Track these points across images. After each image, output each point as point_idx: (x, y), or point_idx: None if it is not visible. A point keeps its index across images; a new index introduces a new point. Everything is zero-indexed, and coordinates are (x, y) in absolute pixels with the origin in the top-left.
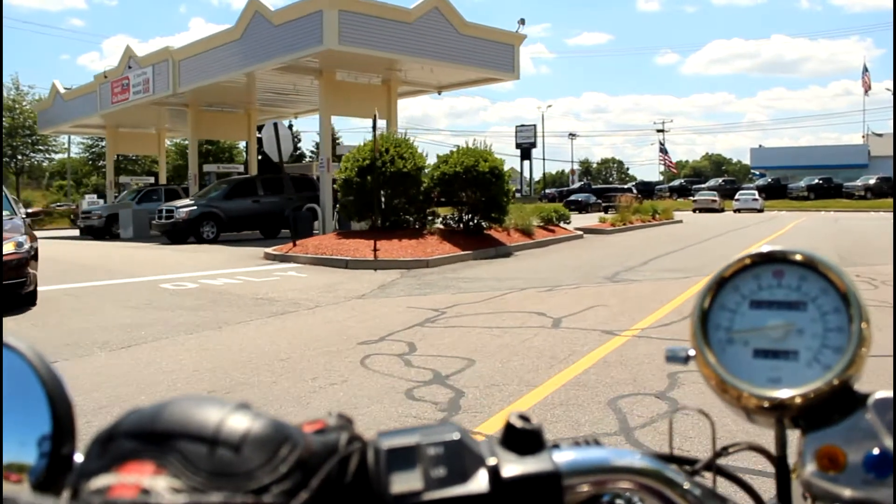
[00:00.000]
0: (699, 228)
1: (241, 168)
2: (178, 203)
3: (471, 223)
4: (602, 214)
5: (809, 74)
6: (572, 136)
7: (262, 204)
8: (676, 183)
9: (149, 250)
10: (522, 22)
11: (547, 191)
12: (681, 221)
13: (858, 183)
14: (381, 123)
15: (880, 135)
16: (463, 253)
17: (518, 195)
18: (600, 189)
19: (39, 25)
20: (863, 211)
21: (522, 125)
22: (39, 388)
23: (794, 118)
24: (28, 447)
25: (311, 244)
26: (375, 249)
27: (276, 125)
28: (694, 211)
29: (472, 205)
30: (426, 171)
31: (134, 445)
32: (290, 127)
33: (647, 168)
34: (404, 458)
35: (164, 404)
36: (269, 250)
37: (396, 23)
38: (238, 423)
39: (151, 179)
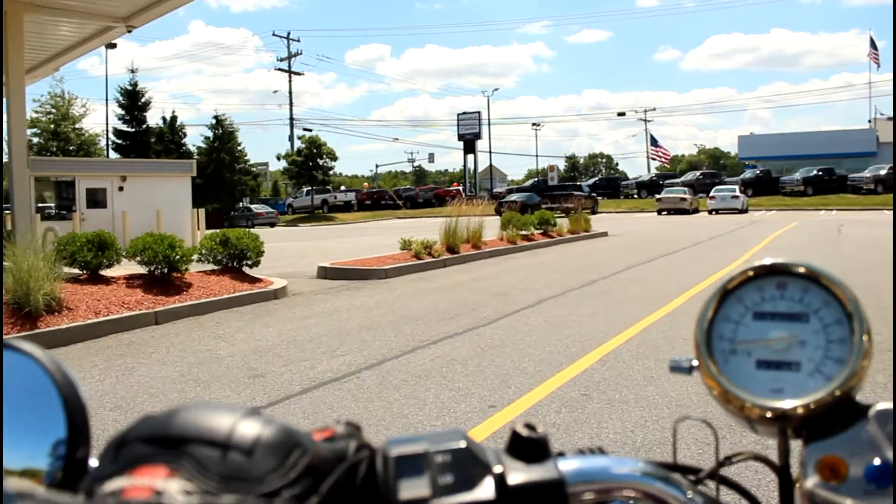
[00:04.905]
0: (599, 255)
1: None
2: None
3: None
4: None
5: (810, 68)
6: (535, 125)
7: None
8: (646, 178)
9: None
10: None
11: (496, 190)
12: (604, 234)
13: (866, 174)
14: None
15: (892, 118)
16: None
17: (465, 195)
18: (547, 188)
19: None
20: (873, 209)
21: (465, 112)
22: (55, 392)
23: (795, 109)
24: (43, 452)
25: None
26: None
27: None
28: (659, 213)
29: None
30: None
31: (147, 450)
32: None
33: (645, 163)
34: (412, 465)
35: (177, 410)
36: None
37: None
38: (250, 429)
39: None
